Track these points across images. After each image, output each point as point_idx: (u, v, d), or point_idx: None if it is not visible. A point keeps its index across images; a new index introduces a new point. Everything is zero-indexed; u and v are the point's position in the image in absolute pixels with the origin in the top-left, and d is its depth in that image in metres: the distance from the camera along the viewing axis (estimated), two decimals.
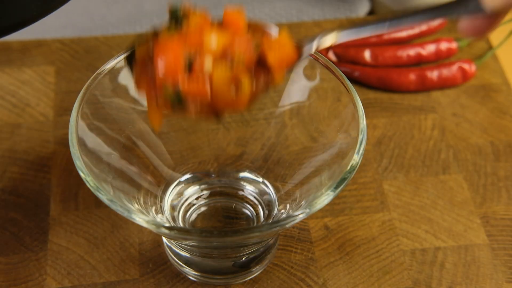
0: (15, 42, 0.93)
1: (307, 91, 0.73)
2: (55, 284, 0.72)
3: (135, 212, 0.61)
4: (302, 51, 0.62)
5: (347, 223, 0.77)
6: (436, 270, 0.73)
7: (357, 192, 0.79)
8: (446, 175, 0.81)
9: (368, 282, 0.72)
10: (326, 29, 0.95)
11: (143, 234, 0.75)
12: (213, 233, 0.60)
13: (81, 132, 0.66)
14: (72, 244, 0.74)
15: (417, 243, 0.75)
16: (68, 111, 0.85)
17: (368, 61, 0.90)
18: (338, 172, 0.65)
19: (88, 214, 0.77)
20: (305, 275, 0.73)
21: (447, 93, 0.89)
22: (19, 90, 0.87)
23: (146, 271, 0.73)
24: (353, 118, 0.67)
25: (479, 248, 0.75)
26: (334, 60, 0.91)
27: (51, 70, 0.90)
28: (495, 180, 0.80)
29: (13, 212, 0.77)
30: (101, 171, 0.66)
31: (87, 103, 0.68)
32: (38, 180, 0.79)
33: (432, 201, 0.78)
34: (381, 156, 0.82)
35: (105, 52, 0.92)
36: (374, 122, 0.85)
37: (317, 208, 0.61)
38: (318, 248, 0.75)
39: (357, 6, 1.02)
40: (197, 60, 0.57)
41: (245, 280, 0.72)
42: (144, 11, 1.01)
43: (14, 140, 0.83)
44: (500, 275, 0.73)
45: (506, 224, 0.77)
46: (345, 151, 0.67)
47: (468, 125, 0.85)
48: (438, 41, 0.92)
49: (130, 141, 0.72)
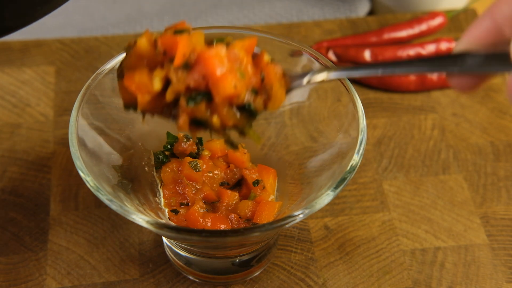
0: (15, 42, 0.93)
1: (307, 91, 0.73)
2: (55, 284, 0.72)
3: (135, 212, 0.61)
4: (291, 85, 0.63)
5: (347, 223, 0.77)
6: (436, 270, 0.73)
7: (357, 192, 0.79)
8: (446, 175, 0.81)
9: (368, 282, 0.72)
10: (326, 29, 0.95)
11: (143, 234, 0.75)
12: (213, 233, 0.60)
13: (81, 132, 0.66)
14: (72, 244, 0.74)
15: (417, 243, 0.75)
16: (68, 111, 0.85)
17: (368, 61, 0.90)
18: (338, 172, 0.65)
19: (88, 214, 0.77)
20: (305, 275, 0.73)
21: (447, 93, 0.89)
22: (19, 90, 0.87)
23: (146, 271, 0.73)
24: (353, 118, 0.67)
25: (479, 248, 0.75)
26: (334, 60, 0.91)
27: (51, 70, 0.90)
28: (495, 180, 0.80)
29: (13, 212, 0.77)
30: (101, 171, 0.66)
31: (87, 103, 0.68)
32: (38, 180, 0.79)
33: (432, 201, 0.78)
34: (381, 156, 0.82)
35: (105, 52, 0.92)
36: (374, 122, 0.85)
37: (317, 208, 0.61)
38: (318, 248, 0.75)
39: (357, 6, 1.02)
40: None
41: (245, 280, 0.72)
42: (143, 12, 1.01)
43: (14, 140, 0.83)
44: (500, 275, 0.73)
45: (506, 224, 0.77)
46: (345, 151, 0.67)
47: (468, 125, 0.85)
48: (438, 41, 0.92)
49: (130, 141, 0.72)
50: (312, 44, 0.93)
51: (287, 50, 0.73)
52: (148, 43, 0.59)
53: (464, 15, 0.97)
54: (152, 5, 1.02)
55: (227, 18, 1.00)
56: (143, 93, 0.59)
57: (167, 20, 0.99)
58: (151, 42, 0.59)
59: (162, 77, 0.59)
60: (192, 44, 0.59)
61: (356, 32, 0.95)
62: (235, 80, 0.59)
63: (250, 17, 1.00)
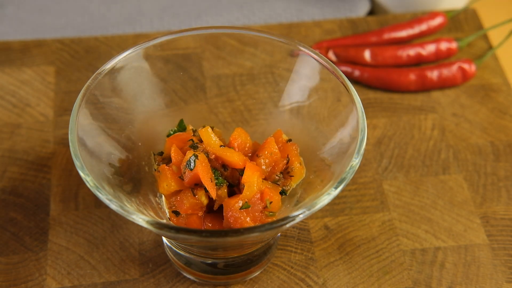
0: (15, 42, 0.93)
1: (307, 91, 0.73)
2: (55, 284, 0.72)
3: (135, 212, 0.61)
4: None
5: (347, 223, 0.77)
6: (436, 270, 0.73)
7: (357, 192, 0.79)
8: (446, 175, 0.81)
9: (368, 282, 0.72)
10: (326, 29, 0.95)
11: (143, 234, 0.75)
12: (213, 233, 0.60)
13: (81, 132, 0.66)
14: (72, 244, 0.74)
15: (417, 243, 0.75)
16: (68, 111, 0.85)
17: (368, 61, 0.90)
18: (338, 172, 0.65)
19: (88, 214, 0.77)
20: (305, 275, 0.73)
21: (447, 93, 0.89)
22: (19, 90, 0.87)
23: (146, 271, 0.73)
24: (353, 118, 0.67)
25: (479, 248, 0.75)
26: (334, 60, 0.91)
27: (51, 70, 0.90)
28: (495, 180, 0.80)
29: (13, 212, 0.77)
30: (101, 171, 0.66)
31: (87, 103, 0.68)
32: (38, 180, 0.79)
33: (432, 201, 0.78)
34: (381, 156, 0.82)
35: (105, 52, 0.92)
36: (374, 122, 0.85)
37: (317, 208, 0.61)
38: (318, 248, 0.75)
39: (357, 6, 1.02)
40: None
41: (245, 280, 0.72)
42: (143, 12, 1.01)
43: (14, 140, 0.83)
44: (500, 275, 0.73)
45: (506, 224, 0.77)
46: (345, 151, 0.67)
47: (468, 125, 0.85)
48: (438, 41, 0.92)
49: (130, 141, 0.72)
50: (312, 44, 0.93)
51: (287, 50, 0.73)
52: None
53: (464, 15, 0.97)
54: (152, 5, 1.02)
55: (227, 18, 1.00)
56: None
57: (167, 20, 0.99)
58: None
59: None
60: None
61: (356, 32, 0.95)
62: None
63: (250, 17, 1.00)
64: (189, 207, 0.67)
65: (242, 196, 0.66)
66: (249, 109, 0.78)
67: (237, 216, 0.66)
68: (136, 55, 0.72)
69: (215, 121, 0.78)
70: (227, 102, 0.80)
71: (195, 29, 0.74)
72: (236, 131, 0.70)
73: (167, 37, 0.73)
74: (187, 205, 0.67)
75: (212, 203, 0.67)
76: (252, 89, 0.78)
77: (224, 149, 0.68)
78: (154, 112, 0.74)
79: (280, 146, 0.70)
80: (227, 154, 0.67)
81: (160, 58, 0.74)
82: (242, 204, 0.66)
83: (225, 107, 0.79)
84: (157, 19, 1.00)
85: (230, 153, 0.68)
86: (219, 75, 0.80)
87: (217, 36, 0.74)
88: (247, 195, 0.66)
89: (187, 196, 0.67)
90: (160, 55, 0.74)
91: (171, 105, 0.75)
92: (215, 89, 0.80)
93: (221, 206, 0.67)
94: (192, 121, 0.74)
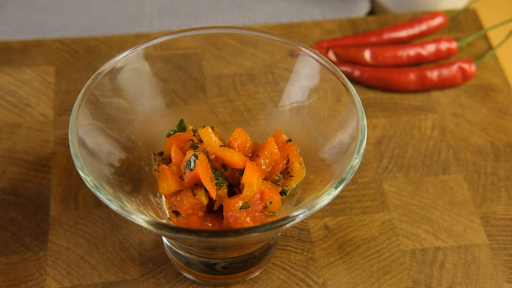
0: (15, 42, 0.93)
1: (307, 91, 0.73)
2: (55, 284, 0.72)
3: (135, 212, 0.61)
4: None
5: (347, 223, 0.77)
6: (436, 270, 0.73)
7: (357, 192, 0.79)
8: (446, 175, 0.81)
9: (368, 282, 0.72)
10: (326, 29, 0.95)
11: (143, 234, 0.75)
12: (213, 233, 0.60)
13: (81, 132, 0.66)
14: (72, 244, 0.74)
15: (417, 243, 0.75)
16: (68, 111, 0.85)
17: (368, 61, 0.90)
18: (338, 172, 0.65)
19: (88, 214, 0.77)
20: (305, 275, 0.73)
21: (447, 93, 0.89)
22: (19, 90, 0.87)
23: (146, 271, 0.73)
24: (353, 118, 0.67)
25: (479, 248, 0.75)
26: (334, 60, 0.91)
27: (51, 70, 0.90)
28: (495, 180, 0.80)
29: (13, 212, 0.77)
30: (101, 171, 0.66)
31: (87, 103, 0.68)
32: (38, 180, 0.79)
33: (432, 201, 0.78)
34: (381, 156, 0.82)
35: (105, 52, 0.92)
36: (374, 122, 0.85)
37: (317, 208, 0.61)
38: (318, 248, 0.75)
39: (357, 6, 1.02)
40: None
41: (245, 280, 0.72)
42: (143, 12, 1.01)
43: (14, 140, 0.83)
44: (500, 275, 0.73)
45: (506, 224, 0.77)
46: (345, 151, 0.67)
47: (468, 125, 0.85)
48: (438, 41, 0.92)
49: (130, 141, 0.72)
50: (312, 44, 0.93)
51: (287, 50, 0.73)
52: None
53: (464, 15, 0.97)
54: (152, 5, 1.02)
55: (227, 18, 1.00)
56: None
57: (167, 20, 0.99)
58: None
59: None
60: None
61: (356, 32, 0.95)
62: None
63: (250, 17, 1.00)
64: (189, 207, 0.67)
65: (242, 196, 0.66)
66: (249, 109, 0.78)
67: (237, 216, 0.66)
68: (136, 55, 0.72)
69: (215, 121, 0.78)
70: (227, 102, 0.80)
71: (195, 29, 0.74)
72: (236, 131, 0.70)
73: (167, 37, 0.73)
74: (187, 205, 0.67)
75: (212, 203, 0.67)
76: (252, 89, 0.78)
77: (224, 149, 0.68)
78: (154, 112, 0.74)
79: (280, 146, 0.70)
80: (227, 154, 0.67)
81: (160, 58, 0.74)
82: (242, 204, 0.66)
83: (225, 107, 0.79)
84: (157, 19, 1.00)
85: (230, 153, 0.68)
86: (219, 75, 0.80)
87: (217, 36, 0.74)
88: (247, 195, 0.66)
89: (187, 196, 0.67)
90: (160, 55, 0.74)
91: (171, 105, 0.75)
92: (215, 89, 0.80)
93: (221, 206, 0.67)
94: (192, 121, 0.74)
